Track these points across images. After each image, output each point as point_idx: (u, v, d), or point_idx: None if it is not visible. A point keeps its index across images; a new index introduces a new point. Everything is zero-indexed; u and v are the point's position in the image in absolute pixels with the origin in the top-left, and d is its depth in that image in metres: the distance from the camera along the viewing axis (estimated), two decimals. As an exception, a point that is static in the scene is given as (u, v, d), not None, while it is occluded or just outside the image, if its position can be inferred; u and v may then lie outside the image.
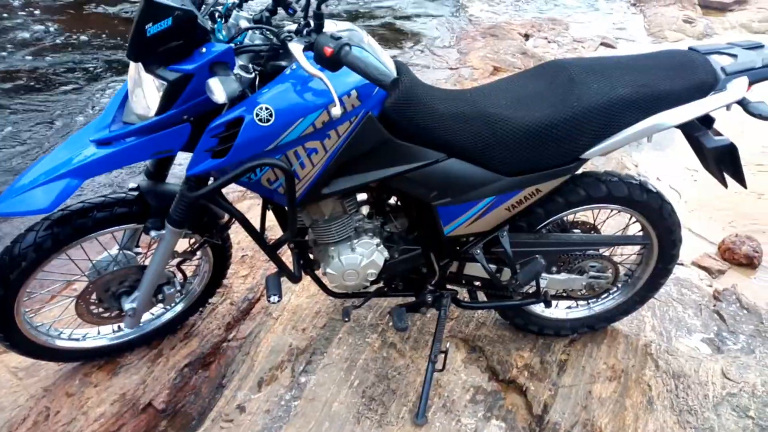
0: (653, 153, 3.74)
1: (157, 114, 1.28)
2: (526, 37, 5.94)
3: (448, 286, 1.83)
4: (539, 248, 1.69)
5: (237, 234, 2.31)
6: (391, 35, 5.82)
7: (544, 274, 1.78)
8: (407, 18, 6.32)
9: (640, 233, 1.81)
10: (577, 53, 5.70)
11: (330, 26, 1.37)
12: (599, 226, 1.84)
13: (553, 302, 1.93)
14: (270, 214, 1.66)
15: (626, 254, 1.96)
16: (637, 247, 1.92)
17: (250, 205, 2.79)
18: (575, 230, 1.79)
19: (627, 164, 3.47)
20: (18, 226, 2.67)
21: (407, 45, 5.62)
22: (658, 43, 6.10)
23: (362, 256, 1.62)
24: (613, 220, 1.96)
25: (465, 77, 4.68)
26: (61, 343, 1.74)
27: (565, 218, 1.75)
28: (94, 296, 1.65)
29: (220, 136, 1.29)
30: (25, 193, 1.30)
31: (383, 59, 1.43)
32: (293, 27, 1.31)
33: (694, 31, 6.34)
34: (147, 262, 1.66)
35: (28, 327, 1.63)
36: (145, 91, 1.29)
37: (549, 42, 5.90)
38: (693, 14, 6.78)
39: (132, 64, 1.31)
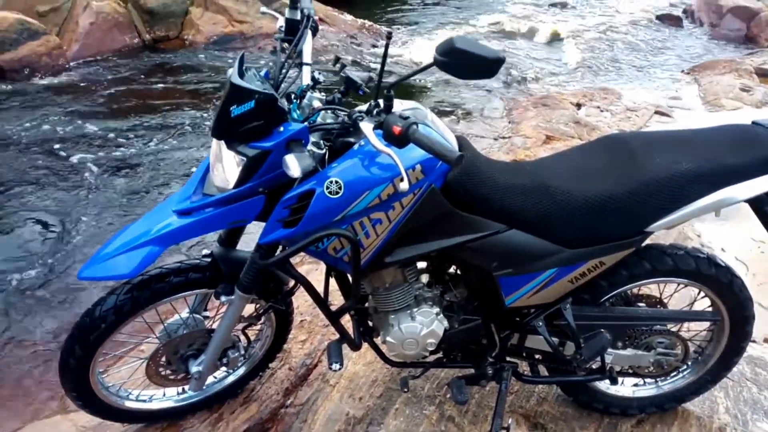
0: (717, 223, 3.62)
1: (235, 186, 1.37)
2: (578, 106, 5.99)
3: (509, 359, 1.80)
4: (604, 322, 1.65)
5: (296, 299, 2.35)
6: (446, 106, 6.00)
7: (609, 350, 1.72)
8: (460, 90, 6.51)
9: (710, 309, 1.75)
10: (630, 122, 5.69)
11: (396, 104, 1.45)
12: (666, 300, 1.79)
13: (619, 379, 1.86)
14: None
15: (695, 330, 1.88)
16: (706, 323, 1.84)
17: (308, 270, 2.86)
18: (640, 304, 1.75)
19: (689, 234, 3.37)
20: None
21: (461, 115, 5.76)
22: (715, 111, 6.03)
23: (422, 325, 1.63)
24: (679, 294, 1.90)
25: (518, 146, 4.73)
26: (129, 404, 1.79)
27: (629, 291, 1.72)
28: (163, 358, 1.71)
29: (291, 207, 1.36)
30: (109, 259, 1.40)
31: (446, 135, 1.49)
32: (364, 107, 1.39)
33: (752, 99, 6.24)
34: (214, 326, 1.72)
35: (100, 387, 1.69)
36: (225, 166, 1.39)
37: (601, 111, 5.93)
38: (750, 82, 6.70)
39: (214, 141, 1.42)
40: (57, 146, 4.47)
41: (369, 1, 11.02)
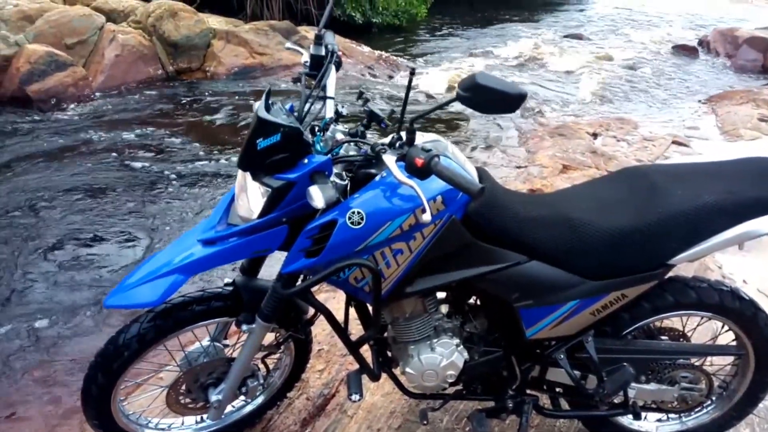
0: (738, 255, 3.57)
1: (259, 216, 1.40)
2: (595, 135, 6.00)
3: (530, 392, 1.77)
4: (626, 355, 1.63)
5: (313, 328, 2.36)
6: (463, 136, 6.04)
7: (632, 384, 1.70)
8: (477, 119, 6.55)
9: (734, 343, 1.72)
10: (647, 152, 5.67)
11: (417, 137, 1.48)
12: (689, 334, 1.76)
13: (643, 414, 1.82)
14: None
15: (719, 364, 1.84)
16: (731, 358, 1.81)
17: (326, 299, 2.86)
18: (663, 337, 1.73)
19: (710, 266, 3.33)
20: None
21: (478, 145, 5.80)
22: (733, 141, 5.99)
23: (442, 356, 1.62)
24: (702, 327, 1.87)
25: (534, 175, 4.74)
26: (148, 432, 1.80)
27: (651, 324, 1.70)
28: (184, 386, 1.71)
29: (314, 237, 1.38)
30: (134, 288, 1.42)
31: (467, 167, 1.51)
32: (387, 140, 1.42)
33: (770, 130, 6.20)
34: (234, 354, 1.73)
35: (121, 415, 1.70)
36: (250, 196, 1.42)
37: (618, 141, 5.92)
38: (768, 113, 6.67)
39: (240, 173, 1.46)
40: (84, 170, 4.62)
41: (385, 33, 11.24)
